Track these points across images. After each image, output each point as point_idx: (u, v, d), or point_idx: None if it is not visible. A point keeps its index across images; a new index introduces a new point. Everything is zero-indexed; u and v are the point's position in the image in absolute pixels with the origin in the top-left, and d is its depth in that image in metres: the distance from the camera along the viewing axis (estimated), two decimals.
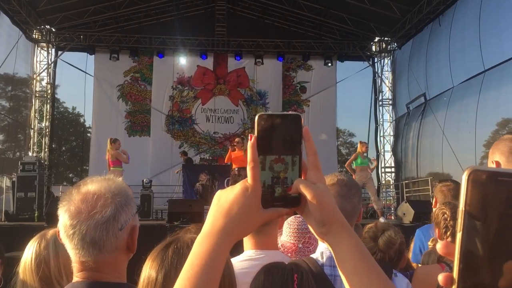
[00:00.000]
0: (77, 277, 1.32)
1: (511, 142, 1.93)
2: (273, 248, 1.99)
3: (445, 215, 2.37)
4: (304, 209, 0.72)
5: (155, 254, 1.10)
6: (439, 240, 2.48)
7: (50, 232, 1.76)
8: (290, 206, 0.72)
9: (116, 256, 1.30)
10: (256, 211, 0.70)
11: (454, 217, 2.31)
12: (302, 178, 0.71)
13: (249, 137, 0.71)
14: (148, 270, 1.08)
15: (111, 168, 10.02)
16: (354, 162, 10.95)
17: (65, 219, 1.27)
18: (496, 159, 1.96)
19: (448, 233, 2.33)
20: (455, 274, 0.46)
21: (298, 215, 2.65)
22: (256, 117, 0.71)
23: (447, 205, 2.43)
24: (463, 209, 0.45)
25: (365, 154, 11.06)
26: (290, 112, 0.72)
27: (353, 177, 10.13)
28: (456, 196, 3.07)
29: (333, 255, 0.71)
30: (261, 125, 0.70)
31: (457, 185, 3.24)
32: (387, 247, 2.14)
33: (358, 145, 11.18)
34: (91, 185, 1.30)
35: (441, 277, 0.48)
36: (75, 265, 1.32)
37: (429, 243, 2.74)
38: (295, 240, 2.43)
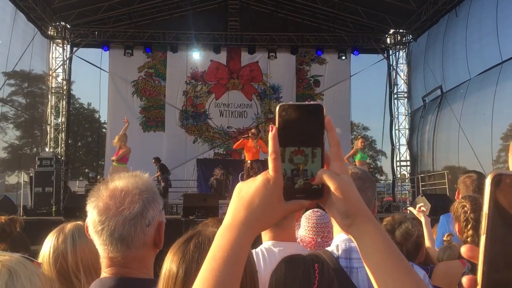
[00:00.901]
0: (105, 272, 1.33)
1: None
2: (292, 240, 2.00)
3: (465, 208, 2.33)
4: (327, 201, 0.70)
5: (176, 248, 1.10)
6: (459, 236, 2.44)
7: (68, 226, 1.77)
8: (313, 198, 0.70)
9: (144, 252, 1.31)
10: (278, 203, 0.69)
11: (474, 210, 2.27)
12: (325, 169, 0.70)
13: (270, 128, 0.69)
14: (169, 264, 1.08)
15: (117, 165, 10.01)
16: (354, 156, 10.95)
17: (94, 215, 1.28)
18: None
19: (469, 226, 2.29)
20: (479, 277, 0.45)
21: (316, 209, 2.65)
22: (277, 108, 0.70)
23: (467, 198, 2.39)
24: (487, 212, 0.45)
25: (365, 149, 11.12)
26: (311, 102, 0.70)
27: None
28: (479, 187, 3.02)
29: (358, 247, 0.70)
30: (282, 116, 0.69)
31: (481, 176, 3.19)
32: (404, 239, 2.12)
33: (358, 141, 11.16)
34: (119, 182, 1.32)
35: (465, 280, 0.48)
36: (103, 261, 1.33)
37: (444, 238, 2.69)
38: (314, 235, 2.42)
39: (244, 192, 0.71)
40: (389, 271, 0.67)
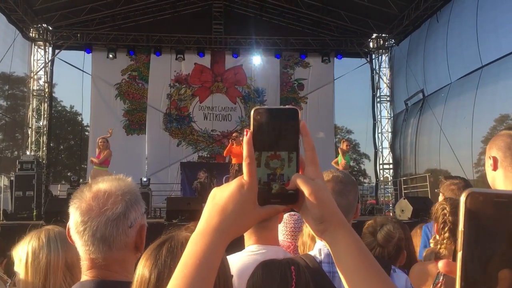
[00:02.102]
0: (86, 275, 1.32)
1: (508, 138, 1.92)
2: (274, 243, 2.01)
3: (445, 211, 2.37)
4: (302, 206, 0.70)
5: (148, 253, 1.10)
6: (437, 236, 2.48)
7: (43, 230, 1.78)
8: (287, 203, 0.70)
9: (125, 254, 1.32)
10: (252, 208, 0.68)
11: (454, 213, 2.31)
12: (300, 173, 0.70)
13: (245, 132, 0.69)
14: (142, 269, 1.08)
15: (98, 168, 9.94)
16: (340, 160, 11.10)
17: (76, 217, 1.29)
18: (493, 154, 1.96)
19: (446, 228, 2.33)
20: None
21: (293, 213, 2.66)
22: (252, 111, 0.69)
23: (448, 201, 2.43)
24: (463, 229, 0.47)
25: (349, 153, 11.26)
26: (286, 106, 0.70)
27: None
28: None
29: (331, 252, 0.70)
30: (257, 120, 0.68)
31: (466, 182, 3.23)
32: (386, 241, 2.14)
33: (345, 143, 11.29)
34: (102, 184, 1.33)
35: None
36: (84, 263, 1.33)
37: (431, 240, 2.73)
38: (292, 239, 2.43)
39: (218, 197, 0.70)
40: (362, 277, 0.67)
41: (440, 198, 3.27)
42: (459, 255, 0.47)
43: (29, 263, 1.68)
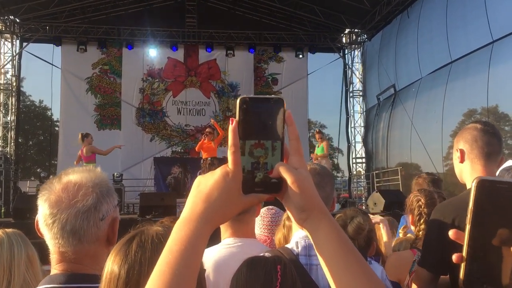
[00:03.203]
0: (55, 269, 1.28)
1: (475, 131, 1.97)
2: (251, 236, 2.01)
3: (420, 202, 2.41)
4: (285, 195, 0.71)
5: (118, 248, 1.07)
6: (413, 227, 2.53)
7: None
8: (271, 191, 0.70)
9: (96, 248, 1.28)
10: (236, 196, 0.69)
11: (428, 205, 2.35)
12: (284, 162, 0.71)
13: (230, 121, 0.69)
14: (111, 265, 1.04)
15: (85, 164, 9.77)
16: (317, 150, 11.26)
17: (44, 209, 1.25)
18: (461, 147, 2.01)
19: (422, 220, 2.37)
20: (465, 254, 0.59)
21: (271, 207, 2.66)
22: (238, 100, 0.69)
23: (422, 192, 2.47)
24: (472, 208, 0.59)
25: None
26: (272, 96, 0.71)
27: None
28: (433, 182, 3.13)
29: (312, 241, 0.71)
30: (242, 109, 0.69)
31: (431, 174, 3.30)
32: (356, 233, 2.16)
33: (320, 135, 11.50)
34: (73, 175, 1.29)
35: (454, 257, 0.60)
36: (54, 256, 1.29)
37: (400, 230, 2.78)
38: (269, 233, 2.43)
39: (203, 185, 0.70)
40: (342, 264, 0.68)
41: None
42: (468, 227, 0.59)
43: None
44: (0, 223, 8.04)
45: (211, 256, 1.85)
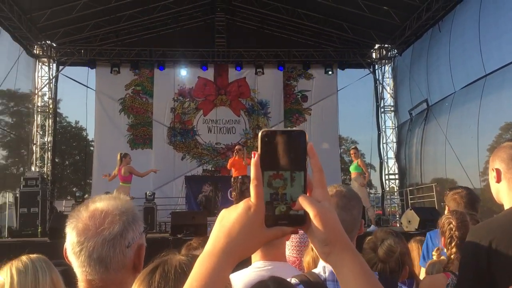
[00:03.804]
0: None
1: (511, 149, 1.90)
2: (281, 259, 1.99)
3: (451, 225, 2.33)
4: (309, 228, 0.70)
5: (141, 279, 1.07)
6: (444, 249, 2.44)
7: (22, 257, 1.82)
8: (295, 224, 0.70)
9: (123, 275, 1.29)
10: (259, 230, 0.69)
11: (460, 227, 2.27)
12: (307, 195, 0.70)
13: (252, 154, 0.69)
14: None
15: (120, 184, 9.92)
16: (351, 168, 11.07)
17: (72, 237, 1.27)
18: (497, 166, 1.94)
19: (453, 243, 2.29)
20: None
21: None
22: (260, 133, 0.70)
23: (454, 214, 2.39)
24: None
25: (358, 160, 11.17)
26: (294, 129, 0.71)
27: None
28: (470, 203, 3.01)
29: (336, 276, 0.70)
30: (264, 142, 0.69)
31: (470, 191, 3.19)
32: (387, 256, 2.10)
33: (355, 151, 11.20)
34: (99, 203, 1.31)
35: None
36: (81, 284, 1.30)
37: (434, 252, 2.69)
38: (298, 254, 2.40)
39: (226, 219, 0.70)
40: None
41: (446, 210, 3.22)
42: None
43: (15, 284, 1.68)
44: (36, 243, 8.24)
45: (241, 279, 1.84)
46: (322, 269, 1.61)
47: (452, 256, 2.29)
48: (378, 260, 2.10)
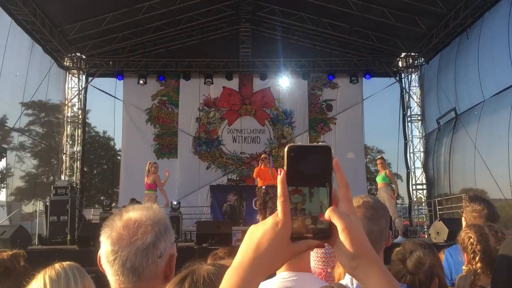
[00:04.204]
0: None
1: None
2: (306, 270, 1.98)
3: (471, 240, 2.27)
4: (335, 242, 0.71)
5: None
6: (470, 265, 2.38)
7: (55, 264, 1.83)
8: (320, 238, 0.71)
9: (154, 284, 1.32)
10: (286, 245, 0.71)
11: (480, 241, 2.22)
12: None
13: (279, 171, 0.71)
14: None
15: (146, 192, 10.11)
16: (378, 179, 10.87)
17: (107, 246, 1.30)
18: None
19: (477, 258, 2.23)
20: None
21: None
22: (286, 149, 0.71)
23: (472, 228, 2.33)
24: None
25: (385, 170, 10.94)
26: (319, 144, 0.72)
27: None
28: (489, 220, 2.90)
29: None
30: (290, 157, 0.71)
31: (489, 207, 3.07)
32: (416, 268, 2.06)
33: (382, 161, 11.01)
34: (133, 213, 1.34)
35: None
36: None
37: (464, 267, 2.63)
38: (324, 265, 2.38)
39: (254, 235, 0.73)
40: None
41: (463, 222, 3.13)
42: None
43: None
44: (66, 251, 8.40)
45: None
46: (350, 280, 1.60)
47: (479, 271, 2.24)
48: (407, 272, 2.06)
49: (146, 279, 1.28)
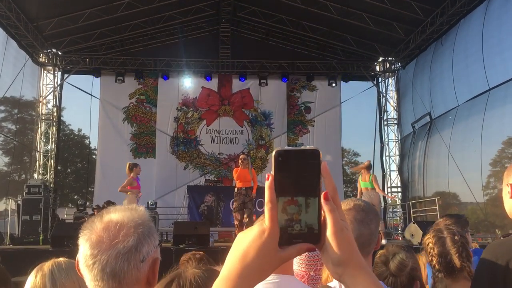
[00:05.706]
0: None
1: None
2: (289, 272, 1.97)
3: (430, 244, 2.32)
4: (323, 246, 0.69)
5: None
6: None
7: (47, 264, 1.76)
8: (310, 241, 0.68)
9: None
10: (273, 253, 0.68)
11: (437, 244, 2.26)
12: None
13: (266, 176, 0.68)
14: None
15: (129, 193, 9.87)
16: (366, 184, 10.27)
17: (85, 249, 1.21)
18: (511, 181, 1.93)
19: (434, 261, 2.27)
20: None
21: None
22: (273, 153, 0.68)
23: (432, 232, 2.38)
24: None
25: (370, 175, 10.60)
26: (307, 148, 0.69)
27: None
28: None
29: None
30: (278, 161, 0.67)
31: (462, 223, 3.11)
32: (398, 270, 2.09)
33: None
34: (114, 214, 1.25)
35: None
36: None
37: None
38: (306, 268, 2.38)
39: (241, 244, 0.69)
40: None
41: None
42: None
43: None
44: (39, 251, 8.22)
45: None
46: (338, 284, 1.61)
47: (437, 274, 2.28)
48: (390, 274, 2.09)
49: (127, 284, 1.20)
